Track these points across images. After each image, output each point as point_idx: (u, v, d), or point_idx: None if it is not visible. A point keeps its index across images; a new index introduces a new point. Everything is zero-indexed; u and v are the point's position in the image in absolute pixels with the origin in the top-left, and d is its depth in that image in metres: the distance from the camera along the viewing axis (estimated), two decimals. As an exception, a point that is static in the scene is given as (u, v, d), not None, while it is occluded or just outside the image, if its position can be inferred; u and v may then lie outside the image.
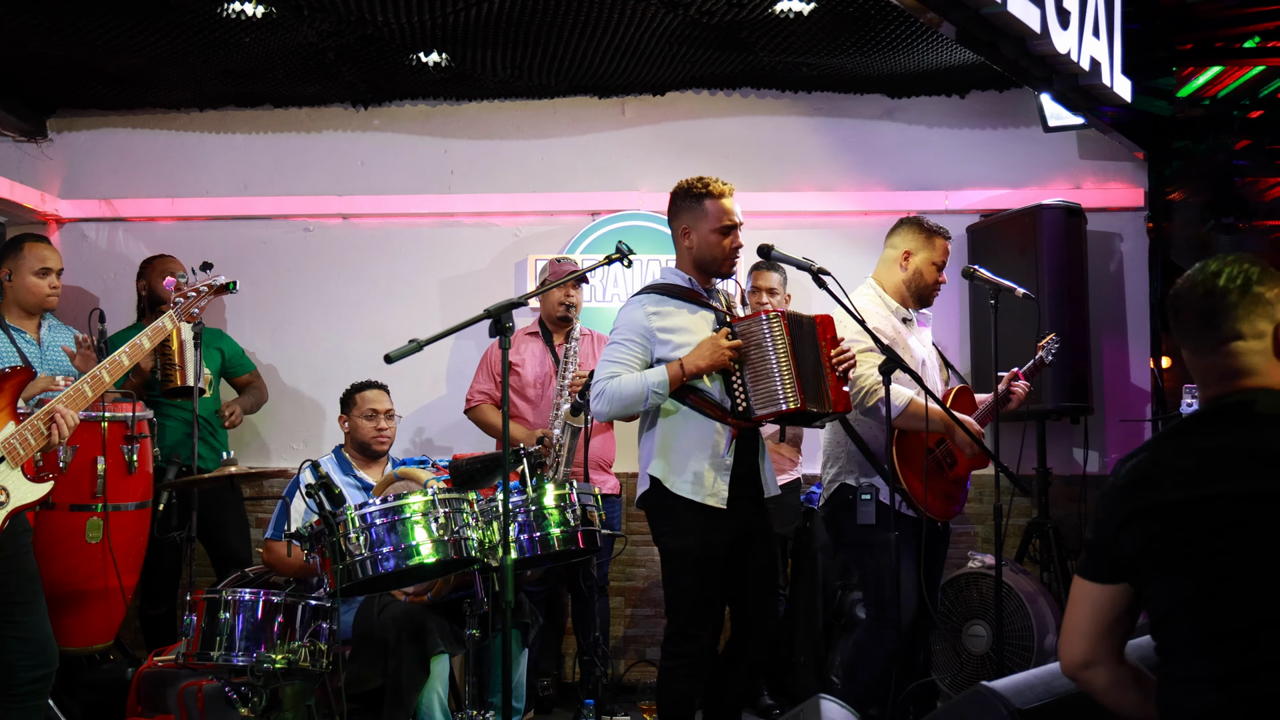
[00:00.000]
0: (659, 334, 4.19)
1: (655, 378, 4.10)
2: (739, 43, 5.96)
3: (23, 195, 6.74)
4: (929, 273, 4.70)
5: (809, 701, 3.92)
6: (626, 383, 4.13)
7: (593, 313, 6.67)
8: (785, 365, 4.05)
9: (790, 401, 4.04)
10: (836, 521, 4.67)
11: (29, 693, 3.66)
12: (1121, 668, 2.44)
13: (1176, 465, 2.36)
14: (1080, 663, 2.46)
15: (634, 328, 4.22)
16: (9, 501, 3.52)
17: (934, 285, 4.72)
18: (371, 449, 5.28)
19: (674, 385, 4.10)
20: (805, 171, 6.86)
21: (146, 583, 5.72)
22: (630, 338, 4.21)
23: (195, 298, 4.07)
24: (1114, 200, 6.73)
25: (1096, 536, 2.44)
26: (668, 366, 4.12)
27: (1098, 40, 5.35)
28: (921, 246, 4.70)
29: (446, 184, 6.95)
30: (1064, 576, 5.98)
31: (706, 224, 4.24)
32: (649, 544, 6.64)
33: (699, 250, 4.27)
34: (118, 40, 5.76)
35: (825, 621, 6.06)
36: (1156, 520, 2.33)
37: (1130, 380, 6.71)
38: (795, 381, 4.05)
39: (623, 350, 4.20)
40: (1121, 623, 2.44)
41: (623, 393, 4.13)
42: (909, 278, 4.71)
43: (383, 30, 5.69)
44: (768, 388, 4.08)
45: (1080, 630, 2.47)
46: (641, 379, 4.12)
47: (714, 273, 4.32)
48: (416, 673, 4.54)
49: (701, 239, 4.26)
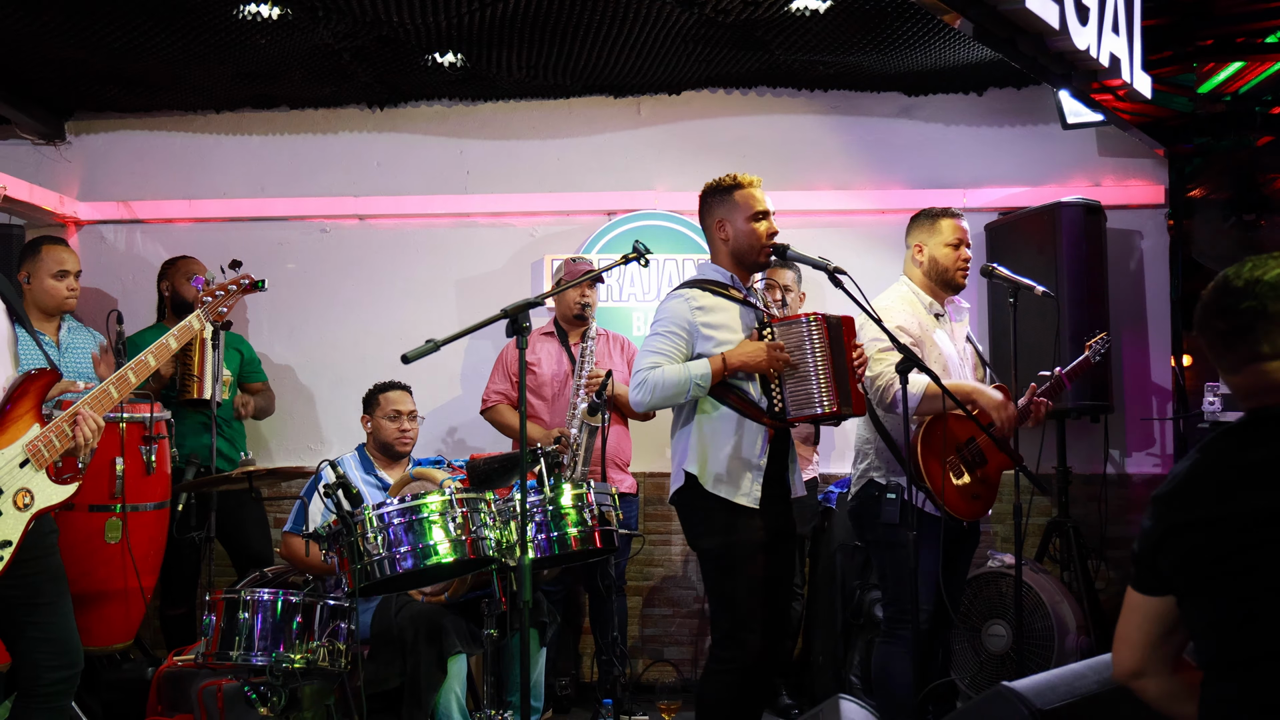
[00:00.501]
0: (702, 328, 4.22)
1: (698, 370, 4.12)
2: (755, 41, 5.94)
3: (42, 198, 6.76)
4: (943, 256, 4.66)
5: (828, 701, 3.91)
6: (669, 373, 4.15)
7: (608, 312, 6.67)
8: (823, 369, 4.09)
9: (826, 405, 4.09)
10: (861, 517, 4.65)
11: (53, 693, 3.66)
12: (1174, 679, 2.37)
13: (1216, 478, 2.28)
14: (1130, 672, 2.40)
15: (677, 320, 4.24)
16: (34, 503, 3.53)
17: (954, 267, 4.66)
18: (394, 449, 5.29)
19: (715, 379, 4.13)
20: (822, 170, 6.84)
21: (166, 583, 5.73)
22: (673, 329, 4.23)
23: (223, 297, 4.07)
24: (1134, 198, 6.69)
25: (1140, 549, 2.37)
26: (710, 360, 4.14)
27: (1117, 36, 5.31)
28: (929, 233, 4.70)
29: (462, 184, 6.96)
30: (1084, 576, 5.95)
31: (740, 214, 4.29)
32: (666, 543, 6.69)
33: (735, 241, 4.31)
34: (134, 43, 5.78)
35: (844, 621, 6.05)
36: (1192, 536, 2.27)
37: (1151, 378, 6.68)
38: (831, 385, 4.09)
39: (665, 341, 4.22)
40: (1174, 635, 2.36)
41: (665, 382, 4.15)
42: (927, 268, 4.69)
43: (398, 31, 5.69)
44: (806, 390, 4.11)
45: (1130, 640, 2.40)
46: (685, 370, 4.14)
47: (752, 263, 4.34)
48: (434, 672, 4.55)
49: (737, 230, 4.30)
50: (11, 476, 3.49)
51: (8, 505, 3.46)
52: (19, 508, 3.49)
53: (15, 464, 3.50)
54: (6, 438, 3.51)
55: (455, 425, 6.81)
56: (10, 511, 3.46)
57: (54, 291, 5.39)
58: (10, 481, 3.48)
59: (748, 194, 4.30)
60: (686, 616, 6.68)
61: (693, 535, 4.35)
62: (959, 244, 4.67)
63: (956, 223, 4.69)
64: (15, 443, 3.52)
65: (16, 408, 3.55)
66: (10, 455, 3.50)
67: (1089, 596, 5.87)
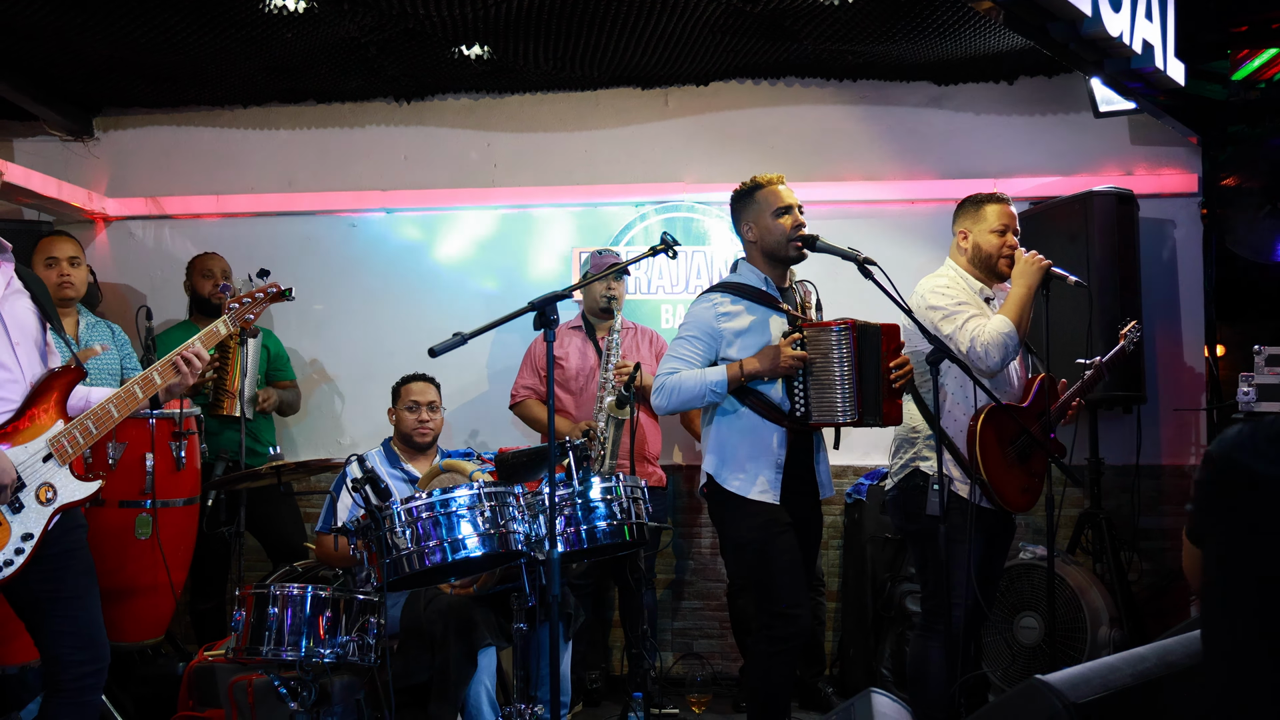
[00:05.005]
0: (727, 333, 4.28)
1: (714, 377, 4.21)
2: (783, 31, 5.90)
3: (70, 194, 6.80)
4: (987, 242, 4.56)
5: (860, 696, 3.88)
6: (686, 379, 4.24)
7: (637, 305, 6.65)
8: (849, 379, 4.11)
9: (849, 416, 4.12)
10: (905, 507, 4.58)
11: (79, 688, 3.66)
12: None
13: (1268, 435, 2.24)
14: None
15: (701, 326, 4.31)
16: (56, 499, 3.55)
17: (998, 254, 4.54)
18: (414, 440, 5.30)
19: (732, 385, 4.21)
20: (851, 161, 6.79)
21: (196, 578, 5.75)
22: (696, 335, 4.31)
23: (250, 304, 4.07)
24: (1167, 186, 6.61)
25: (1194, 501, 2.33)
26: (728, 367, 4.22)
27: (1150, 23, 5.26)
28: (973, 220, 4.61)
29: (490, 177, 6.95)
30: (1117, 568, 5.89)
31: (763, 212, 4.35)
32: (695, 536, 6.67)
33: (763, 240, 4.36)
34: (161, 38, 5.80)
35: (874, 614, 6.02)
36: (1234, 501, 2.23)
37: (1184, 369, 6.61)
38: (856, 396, 4.11)
39: (687, 347, 4.31)
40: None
41: (681, 389, 4.25)
42: (972, 255, 4.60)
43: (424, 24, 5.68)
44: (829, 398, 4.14)
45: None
46: (701, 377, 4.22)
47: (782, 257, 4.35)
48: (464, 665, 4.54)
49: (762, 228, 4.36)
50: (35, 471, 3.52)
51: (30, 499, 3.49)
52: (41, 502, 3.52)
53: (39, 458, 3.54)
54: (31, 432, 3.55)
55: (483, 420, 6.81)
56: (32, 505, 3.50)
57: (45, 280, 5.41)
58: (33, 476, 3.51)
59: (768, 192, 4.36)
60: (716, 609, 6.65)
61: (720, 530, 4.44)
62: (1004, 230, 4.56)
63: (1002, 208, 4.58)
64: (39, 437, 3.56)
65: (41, 403, 3.59)
66: (34, 449, 3.54)
67: (1121, 588, 5.82)
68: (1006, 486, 4.42)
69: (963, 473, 4.38)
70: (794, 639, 4.18)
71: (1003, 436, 4.43)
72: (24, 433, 3.54)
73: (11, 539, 3.44)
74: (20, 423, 3.55)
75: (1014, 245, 4.56)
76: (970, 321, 4.38)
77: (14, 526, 3.45)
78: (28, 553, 3.46)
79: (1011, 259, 4.53)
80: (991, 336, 4.32)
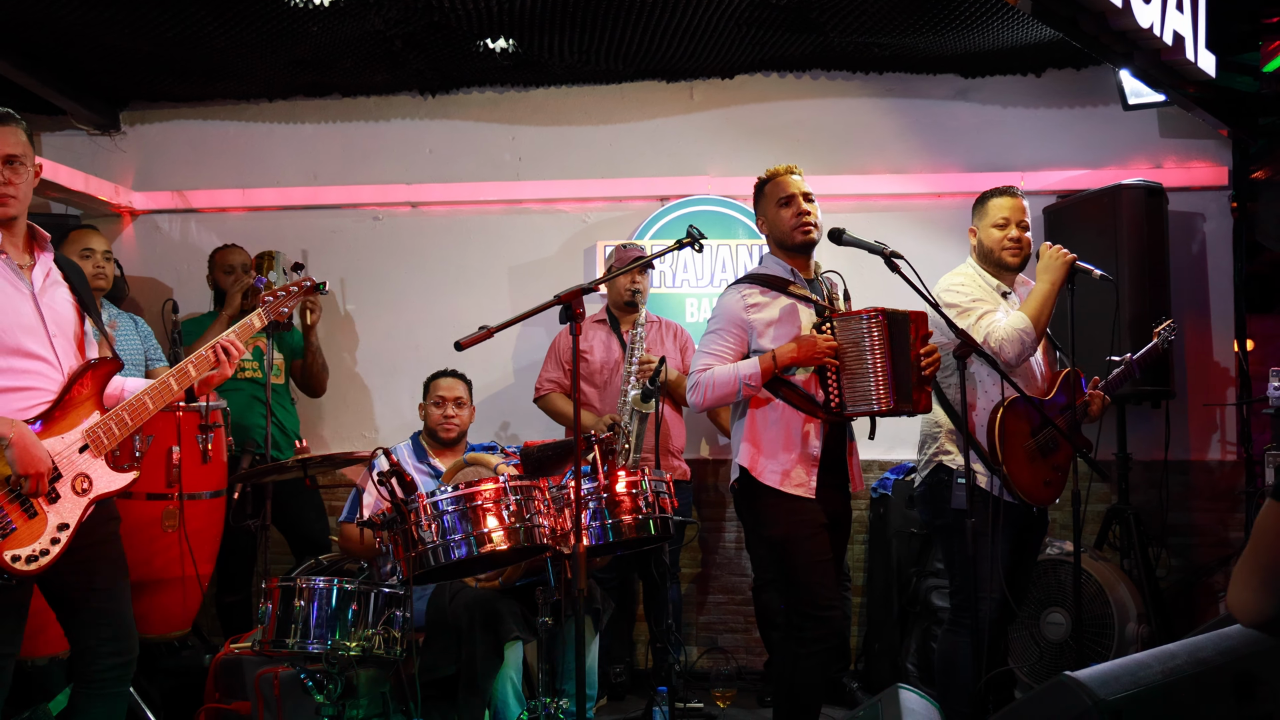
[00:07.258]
0: (757, 324, 4.25)
1: (747, 370, 4.18)
2: (809, 23, 5.87)
3: (98, 188, 6.83)
4: (989, 237, 4.58)
5: (887, 691, 3.86)
6: (720, 374, 4.21)
7: (662, 299, 6.64)
8: (881, 366, 4.08)
9: (883, 403, 4.08)
10: (931, 502, 4.58)
11: (108, 679, 3.68)
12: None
13: None
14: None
15: (730, 318, 4.28)
16: (92, 489, 3.56)
17: (998, 247, 4.56)
18: (439, 435, 5.32)
19: (765, 377, 4.17)
20: (877, 154, 6.77)
21: (222, 570, 5.77)
22: (726, 328, 4.28)
23: (285, 298, 4.11)
24: (1197, 179, 6.57)
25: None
26: (760, 358, 4.18)
27: (1181, 14, 5.21)
28: (979, 216, 4.65)
29: (515, 171, 6.95)
30: (1145, 564, 5.85)
31: (770, 203, 4.37)
32: (721, 530, 6.66)
33: (773, 232, 4.37)
34: (187, 32, 5.81)
35: (900, 609, 6.00)
36: None
37: (1213, 364, 6.56)
38: (890, 383, 4.08)
39: (718, 342, 4.28)
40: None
41: (716, 384, 4.22)
42: (980, 251, 4.63)
43: (449, 17, 5.68)
44: (863, 387, 4.11)
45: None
46: (734, 371, 4.19)
47: (791, 246, 4.33)
48: (491, 658, 4.54)
49: (771, 221, 4.37)
50: (71, 461, 3.53)
51: (66, 489, 3.50)
52: (77, 492, 3.53)
53: (75, 449, 3.54)
54: (67, 423, 3.56)
55: (508, 413, 6.80)
56: (69, 495, 3.51)
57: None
58: (70, 466, 3.52)
59: (775, 183, 4.37)
60: (741, 604, 6.64)
61: (752, 526, 4.37)
62: (1005, 224, 4.57)
63: (1005, 201, 4.59)
64: (76, 428, 3.57)
65: (78, 394, 3.60)
66: (70, 440, 3.54)
67: (1149, 584, 5.78)
68: (1027, 479, 4.40)
69: (983, 465, 4.37)
70: (826, 639, 4.15)
71: (1024, 429, 4.41)
72: (61, 423, 3.55)
73: (47, 529, 3.45)
74: (57, 413, 3.56)
75: (1015, 238, 4.57)
76: (984, 318, 4.40)
77: (50, 517, 3.46)
78: (63, 543, 3.47)
79: (1015, 251, 4.57)
80: (1006, 333, 4.33)
